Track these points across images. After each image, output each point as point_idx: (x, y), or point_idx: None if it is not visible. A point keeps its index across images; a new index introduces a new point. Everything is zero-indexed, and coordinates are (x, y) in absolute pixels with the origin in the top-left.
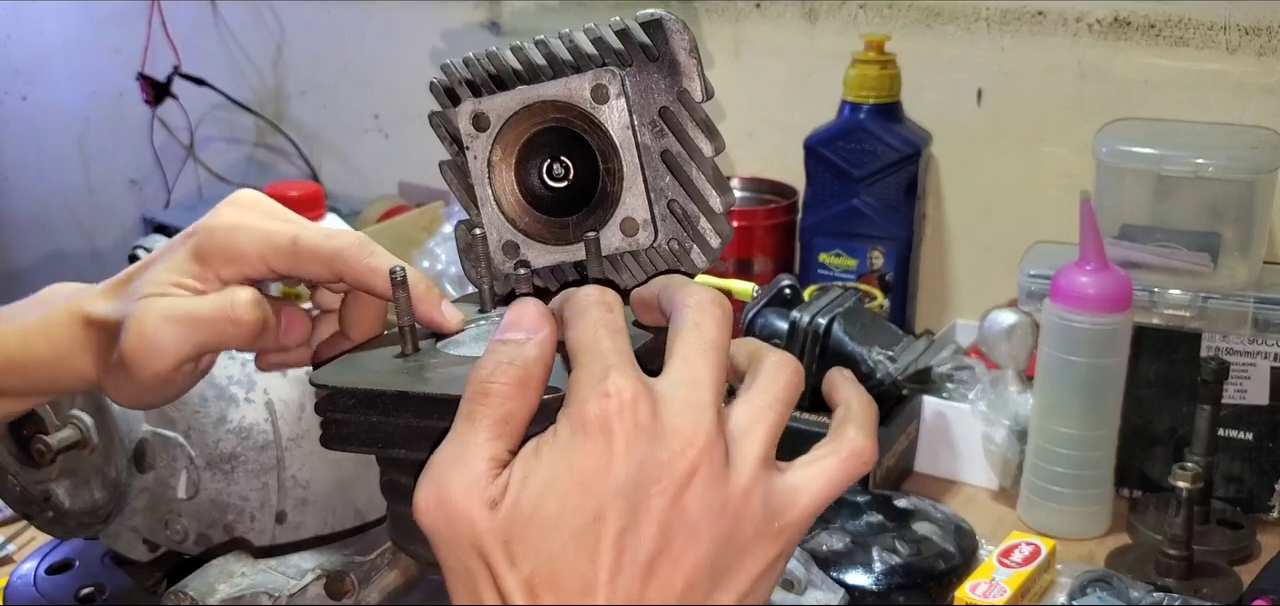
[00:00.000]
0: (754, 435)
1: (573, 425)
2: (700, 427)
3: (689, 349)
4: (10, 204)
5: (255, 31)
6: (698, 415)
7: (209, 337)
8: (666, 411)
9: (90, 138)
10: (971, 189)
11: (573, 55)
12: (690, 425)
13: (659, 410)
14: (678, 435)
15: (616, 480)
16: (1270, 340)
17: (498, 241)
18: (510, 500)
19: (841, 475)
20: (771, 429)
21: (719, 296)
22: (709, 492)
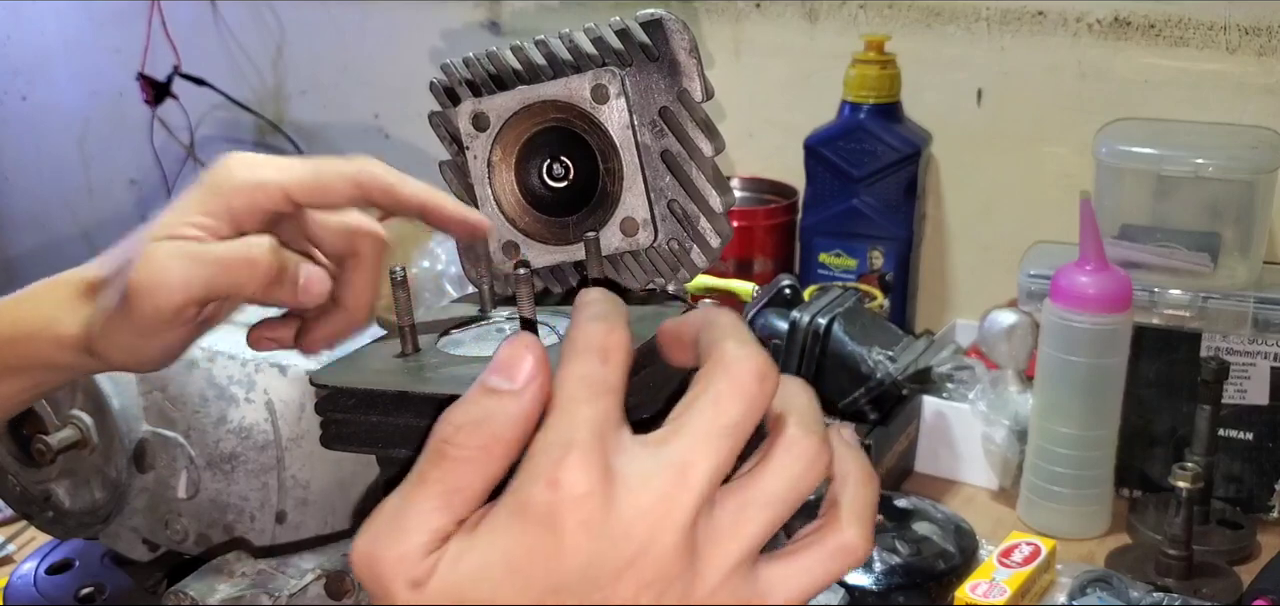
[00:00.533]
0: (737, 537)
1: (513, 508)
2: (662, 537)
3: (697, 425)
4: (10, 204)
5: (255, 31)
6: (665, 520)
7: (222, 278)
8: (628, 507)
9: (90, 138)
10: (971, 189)
11: (573, 55)
12: (649, 530)
13: (617, 506)
14: (632, 540)
15: (554, 580)
16: (1270, 340)
17: (498, 241)
18: (436, 582)
19: (824, 573)
20: (762, 530)
21: (765, 369)
22: (662, 604)
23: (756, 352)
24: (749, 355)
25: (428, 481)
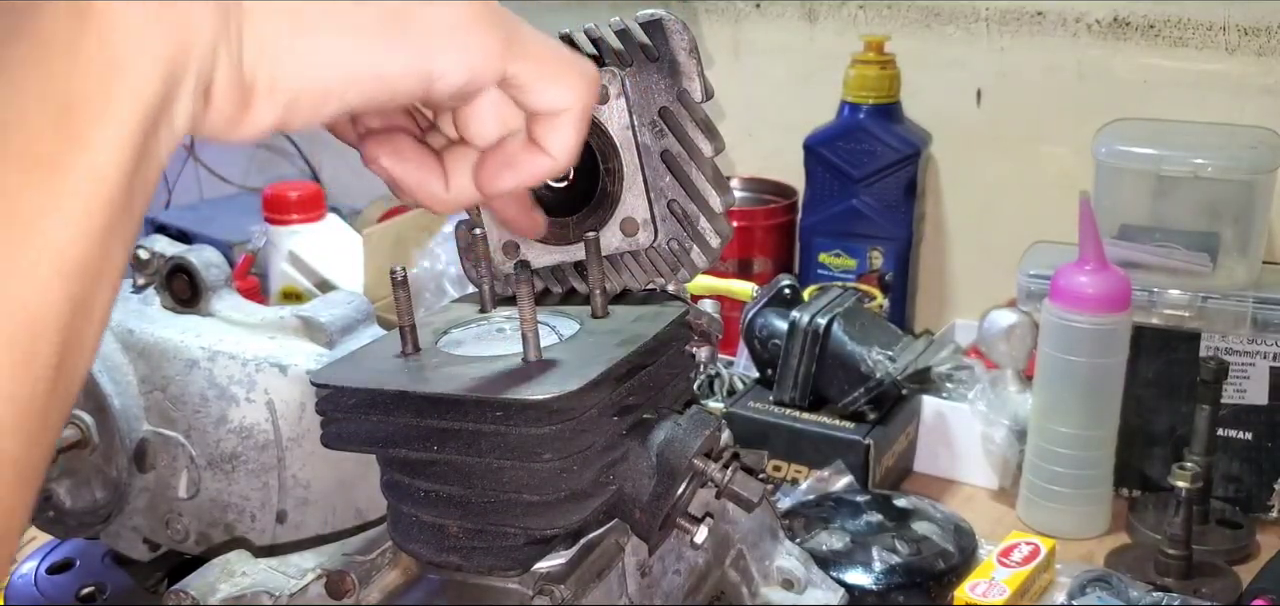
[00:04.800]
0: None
1: None
2: None
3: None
4: None
5: None
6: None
7: None
8: None
9: None
10: (971, 189)
11: None
12: None
13: None
14: None
15: None
16: (1269, 340)
17: (498, 241)
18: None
19: None
20: None
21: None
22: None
23: None
24: None
25: None
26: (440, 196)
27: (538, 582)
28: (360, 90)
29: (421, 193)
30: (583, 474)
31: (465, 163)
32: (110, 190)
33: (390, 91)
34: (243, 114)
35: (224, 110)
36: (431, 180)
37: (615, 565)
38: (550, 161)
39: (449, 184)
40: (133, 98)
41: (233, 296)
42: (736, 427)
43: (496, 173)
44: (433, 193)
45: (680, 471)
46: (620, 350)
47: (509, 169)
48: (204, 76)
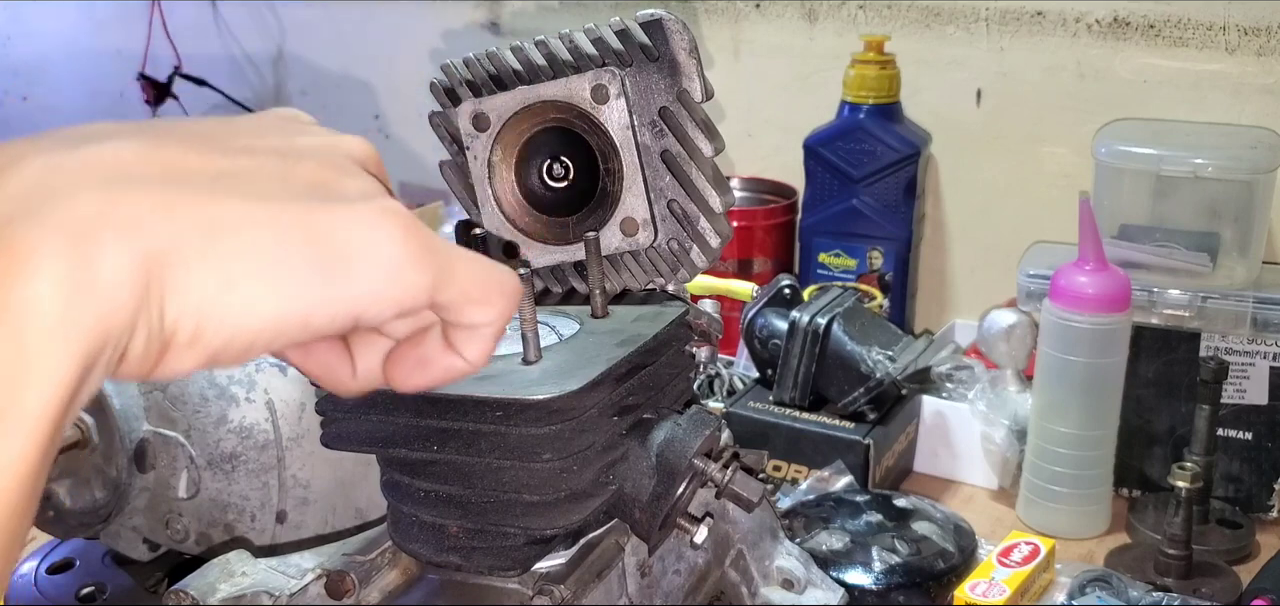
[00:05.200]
0: None
1: None
2: None
3: None
4: None
5: (255, 32)
6: None
7: None
8: None
9: None
10: (970, 189)
11: (573, 55)
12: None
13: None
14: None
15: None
16: (1269, 340)
17: (498, 241)
18: None
19: None
20: None
21: None
22: None
23: None
24: None
25: None
26: (346, 383)
27: (538, 582)
28: (287, 337)
29: (326, 379)
30: (583, 474)
31: (375, 350)
32: (14, 486)
33: (316, 333)
34: (158, 364)
35: (138, 364)
36: (338, 367)
37: (615, 565)
38: (465, 365)
39: (356, 369)
40: (42, 396)
41: None
42: (736, 427)
43: (410, 371)
44: (339, 380)
45: (680, 471)
46: (620, 350)
47: (422, 368)
48: (121, 347)
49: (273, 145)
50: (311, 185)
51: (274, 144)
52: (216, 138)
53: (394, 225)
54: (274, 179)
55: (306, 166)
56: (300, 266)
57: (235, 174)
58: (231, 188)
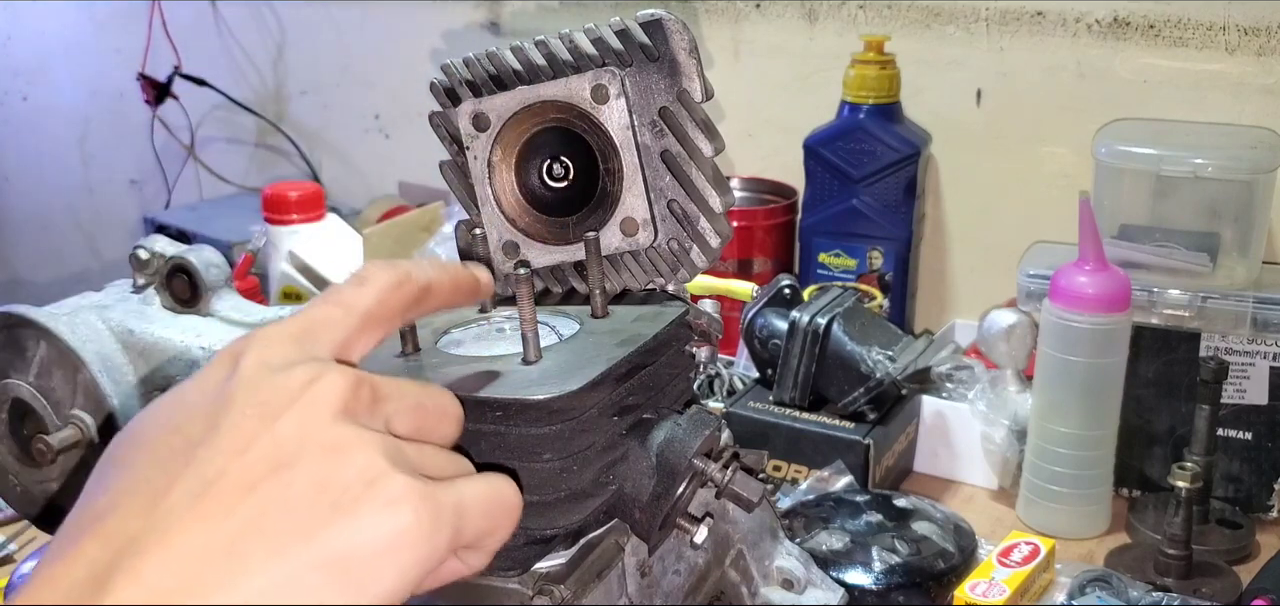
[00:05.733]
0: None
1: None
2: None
3: None
4: (10, 204)
5: (255, 31)
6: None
7: None
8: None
9: (90, 138)
10: (971, 189)
11: (573, 55)
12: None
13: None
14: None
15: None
16: (1269, 340)
17: (498, 241)
18: None
19: None
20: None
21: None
22: None
23: None
24: None
25: None
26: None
27: (538, 582)
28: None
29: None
30: (583, 474)
31: None
32: None
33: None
34: None
35: None
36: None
37: (615, 565)
38: (466, 570)
39: None
40: None
41: (233, 296)
42: (736, 427)
43: None
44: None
45: (680, 471)
46: (620, 350)
47: (430, 580)
48: None
49: (262, 457)
50: (312, 497)
51: (262, 453)
52: (209, 480)
53: (403, 512)
54: (277, 512)
55: (301, 474)
56: (317, 582)
57: (243, 528)
58: (246, 549)
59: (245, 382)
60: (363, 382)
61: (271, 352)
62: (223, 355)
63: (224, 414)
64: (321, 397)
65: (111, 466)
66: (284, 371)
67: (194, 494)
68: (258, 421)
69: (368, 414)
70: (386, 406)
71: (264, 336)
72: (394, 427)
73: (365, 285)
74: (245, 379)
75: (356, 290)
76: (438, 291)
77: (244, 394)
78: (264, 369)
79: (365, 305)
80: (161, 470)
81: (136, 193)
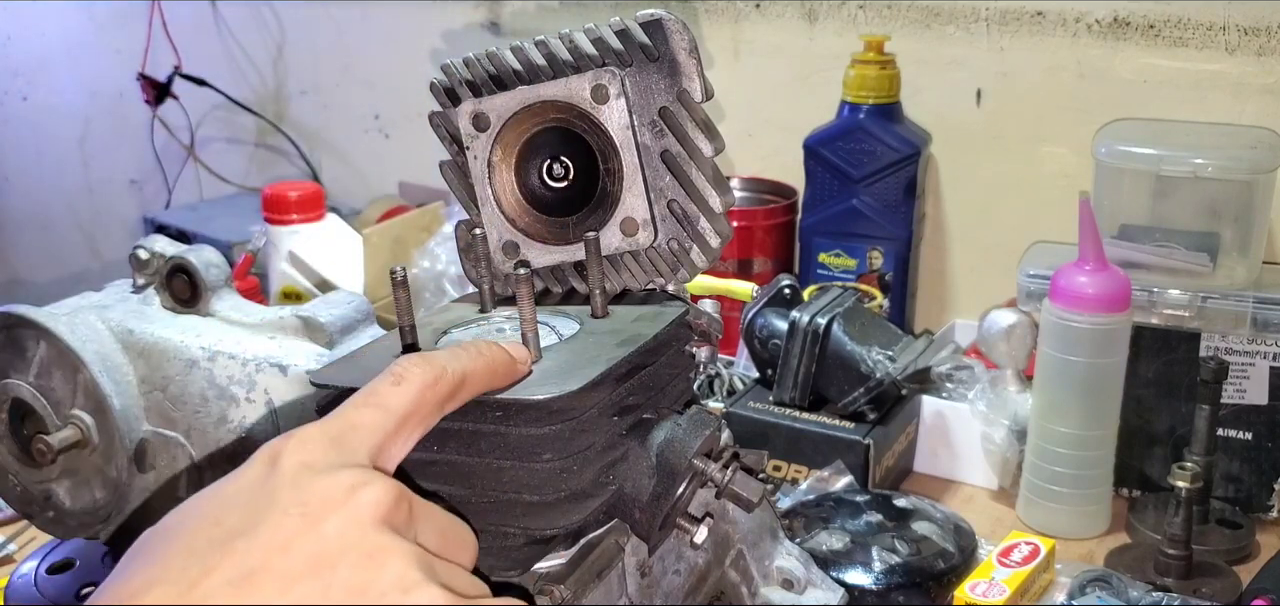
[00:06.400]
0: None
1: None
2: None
3: None
4: (10, 204)
5: (255, 31)
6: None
7: None
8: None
9: (90, 138)
10: (971, 189)
11: (573, 55)
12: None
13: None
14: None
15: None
16: (1269, 340)
17: (498, 241)
18: None
19: None
20: None
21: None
22: None
23: None
24: None
25: None
26: None
27: (538, 582)
28: None
29: None
30: (583, 474)
31: None
32: None
33: None
34: None
35: None
36: None
37: (615, 565)
38: None
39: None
40: None
41: (233, 296)
42: (736, 427)
43: None
44: None
45: (680, 471)
46: (620, 350)
47: None
48: None
49: (304, 556)
50: (351, 594)
51: (305, 552)
52: (250, 570)
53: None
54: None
55: (341, 577)
56: None
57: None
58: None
59: (288, 482)
60: (403, 497)
61: (312, 454)
62: (260, 455)
63: (267, 510)
64: (365, 505)
65: (144, 553)
66: (327, 475)
67: (233, 582)
68: (301, 520)
69: (404, 526)
70: (419, 523)
71: (302, 437)
72: (423, 544)
73: (402, 384)
74: (288, 478)
75: (393, 390)
76: (473, 381)
77: (288, 493)
78: (306, 471)
79: (403, 407)
80: (199, 559)
81: (136, 193)
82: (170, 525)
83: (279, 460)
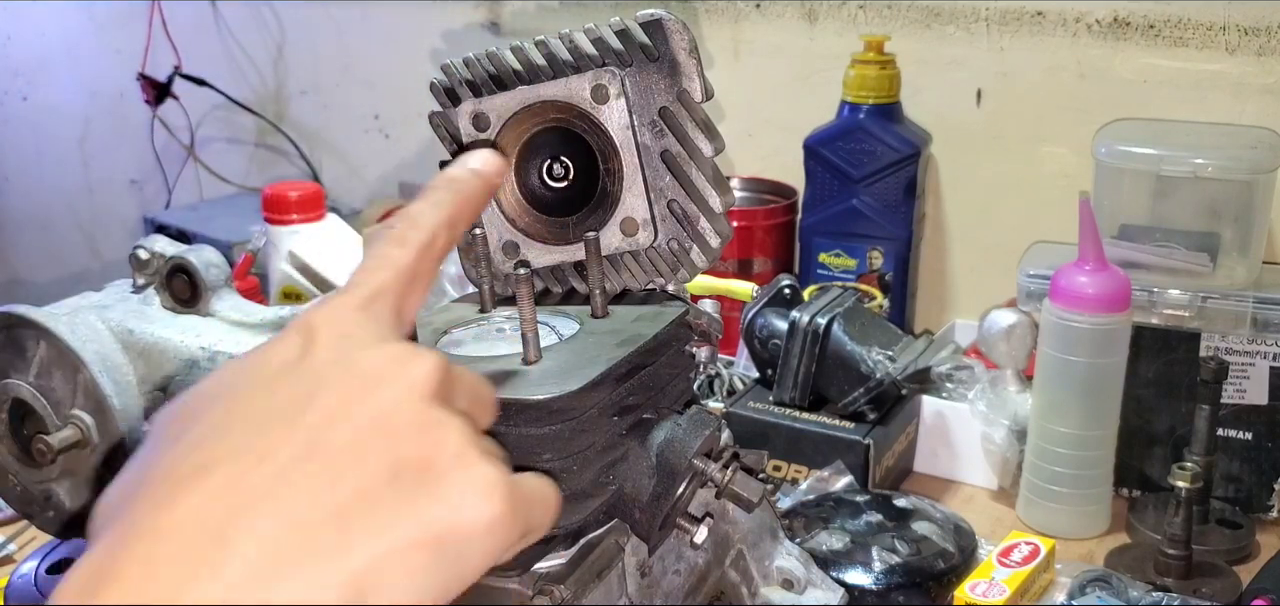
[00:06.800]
0: None
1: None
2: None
3: None
4: (10, 204)
5: (255, 31)
6: None
7: None
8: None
9: (90, 138)
10: (971, 189)
11: (573, 55)
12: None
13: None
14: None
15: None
16: (1269, 340)
17: (498, 241)
18: None
19: None
20: None
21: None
22: None
23: None
24: None
25: None
26: None
27: (538, 582)
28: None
29: None
30: (583, 474)
31: None
32: None
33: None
34: None
35: None
36: None
37: (615, 565)
38: None
39: None
40: None
41: (233, 296)
42: (736, 427)
43: None
44: None
45: (680, 471)
46: (620, 350)
47: None
48: None
49: (369, 425)
50: (416, 473)
51: (368, 421)
52: (316, 443)
53: (496, 500)
54: (382, 485)
55: (405, 448)
56: (430, 583)
57: (352, 497)
58: (353, 520)
59: (332, 357)
60: (447, 367)
61: (347, 327)
62: (292, 329)
63: (319, 383)
64: (418, 380)
65: (195, 421)
66: (373, 348)
67: (300, 457)
68: (361, 390)
69: (451, 398)
70: (458, 389)
71: (332, 310)
72: (462, 409)
73: (405, 246)
74: (330, 353)
75: (400, 252)
76: (458, 222)
77: (335, 368)
78: (348, 343)
79: (411, 266)
80: (261, 431)
81: (136, 193)
82: (216, 393)
83: (316, 334)
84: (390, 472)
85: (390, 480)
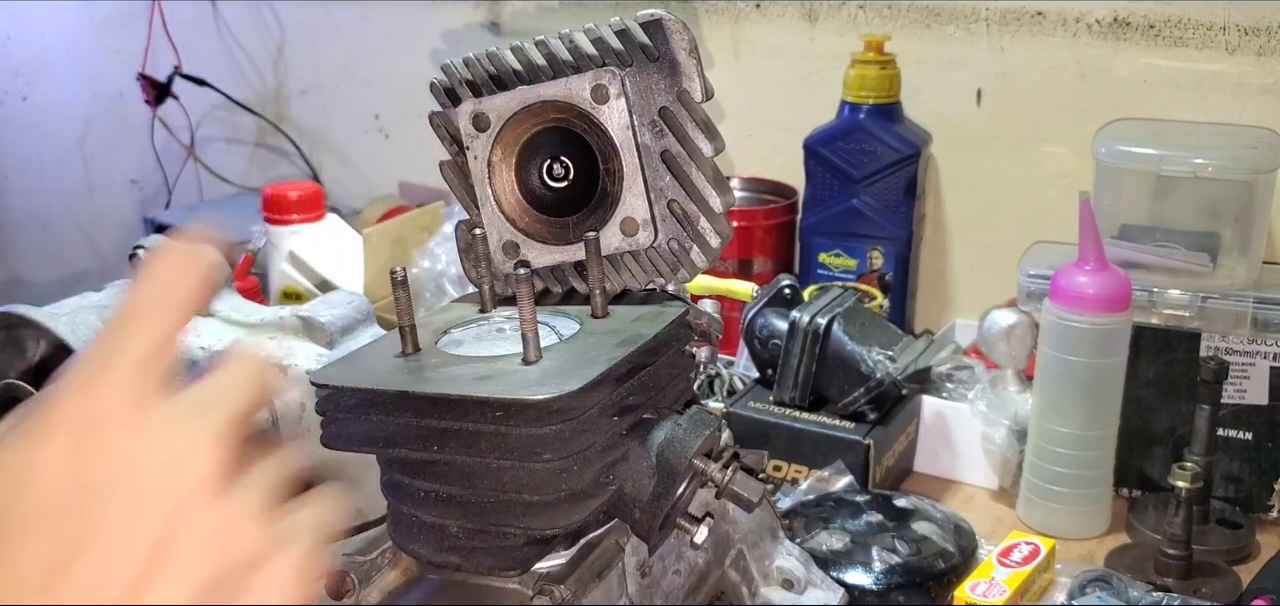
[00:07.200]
0: None
1: None
2: None
3: None
4: (10, 204)
5: (255, 31)
6: None
7: None
8: None
9: (90, 138)
10: (971, 189)
11: (573, 55)
12: None
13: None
14: None
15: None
16: (1269, 340)
17: (498, 241)
18: None
19: None
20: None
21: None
22: None
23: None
24: None
25: None
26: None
27: (538, 582)
28: None
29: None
30: (583, 474)
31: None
32: None
33: None
34: None
35: None
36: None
37: (615, 565)
38: None
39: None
40: None
41: (233, 296)
42: (736, 427)
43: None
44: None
45: (680, 471)
46: (620, 350)
47: None
48: None
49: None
50: (210, 587)
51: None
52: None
53: (290, 593)
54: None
55: (191, 563)
56: None
57: None
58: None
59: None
60: (221, 442)
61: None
62: (55, 433)
63: (94, 503)
64: (192, 474)
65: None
66: (149, 454)
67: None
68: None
69: (233, 465)
70: (231, 429)
71: (98, 415)
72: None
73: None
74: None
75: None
76: (179, 308)
77: (114, 485)
78: (122, 453)
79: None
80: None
81: (136, 193)
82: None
83: (81, 440)
84: (180, 590)
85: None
